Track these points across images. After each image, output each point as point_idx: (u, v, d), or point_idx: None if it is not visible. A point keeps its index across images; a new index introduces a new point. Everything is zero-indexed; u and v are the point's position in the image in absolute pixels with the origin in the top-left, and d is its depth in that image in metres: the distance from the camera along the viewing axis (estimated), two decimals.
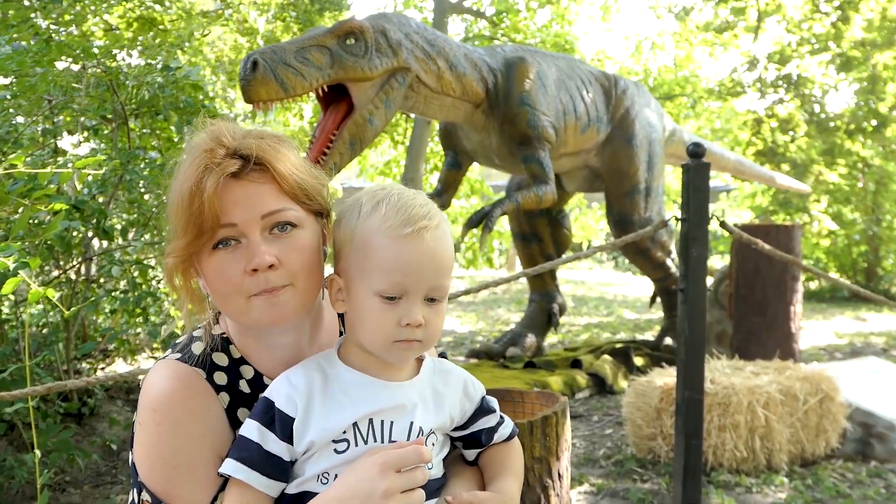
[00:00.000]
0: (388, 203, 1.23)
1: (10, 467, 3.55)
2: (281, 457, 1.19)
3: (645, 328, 9.55)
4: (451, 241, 1.26)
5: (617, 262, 20.54)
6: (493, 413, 1.39)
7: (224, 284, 1.24)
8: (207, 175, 1.21)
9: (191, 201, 1.20)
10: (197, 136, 1.28)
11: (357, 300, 1.23)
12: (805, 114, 13.58)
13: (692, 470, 3.22)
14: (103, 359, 5.45)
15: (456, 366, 1.39)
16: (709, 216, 3.29)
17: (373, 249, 1.21)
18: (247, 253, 1.23)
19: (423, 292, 1.21)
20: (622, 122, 5.93)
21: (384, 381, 1.25)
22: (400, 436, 1.22)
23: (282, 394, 1.22)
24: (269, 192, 1.25)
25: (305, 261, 1.26)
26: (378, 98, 4.16)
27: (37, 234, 3.43)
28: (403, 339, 1.20)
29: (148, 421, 1.23)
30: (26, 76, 4.21)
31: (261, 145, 1.26)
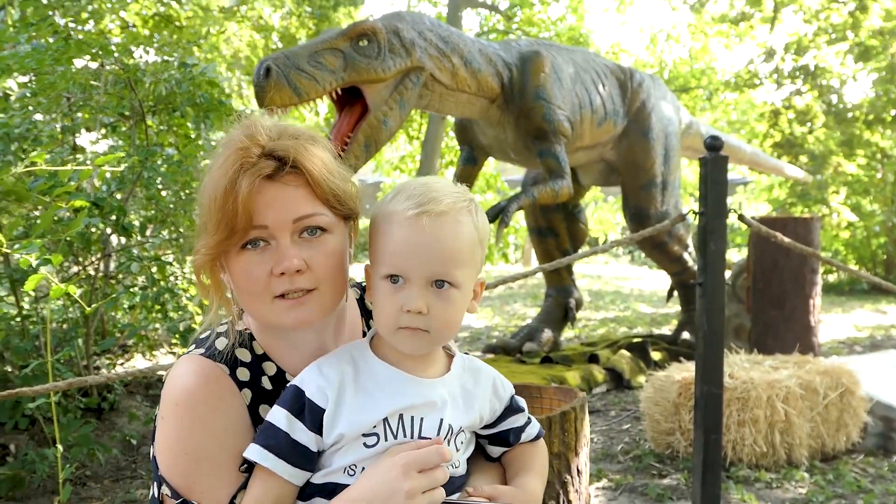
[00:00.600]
0: (404, 191, 1.24)
1: (32, 461, 3.58)
2: (308, 447, 1.19)
3: (662, 323, 9.52)
4: (463, 229, 1.22)
5: (633, 257, 20.47)
6: (522, 412, 1.39)
7: (250, 284, 1.25)
8: (242, 175, 1.21)
9: (224, 200, 1.21)
10: (232, 132, 1.28)
11: (371, 286, 1.25)
12: (823, 104, 13.47)
13: (711, 465, 3.21)
14: (122, 354, 5.49)
15: (485, 364, 1.38)
16: (727, 209, 3.27)
17: (380, 233, 1.23)
18: (275, 255, 1.23)
19: (425, 277, 1.19)
20: (638, 115, 5.90)
21: (416, 377, 1.24)
22: (429, 432, 1.22)
23: (313, 384, 1.22)
24: (302, 195, 1.25)
25: (332, 266, 1.27)
26: (392, 99, 4.16)
27: (58, 231, 3.46)
28: (405, 325, 1.20)
29: (170, 415, 1.24)
30: (45, 74, 4.24)
31: (297, 147, 1.25)
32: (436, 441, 1.21)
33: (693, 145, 6.92)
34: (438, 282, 1.20)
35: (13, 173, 3.20)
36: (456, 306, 1.23)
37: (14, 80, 4.68)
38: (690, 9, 15.40)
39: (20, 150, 4.03)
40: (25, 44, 4.34)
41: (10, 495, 3.58)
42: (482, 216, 1.27)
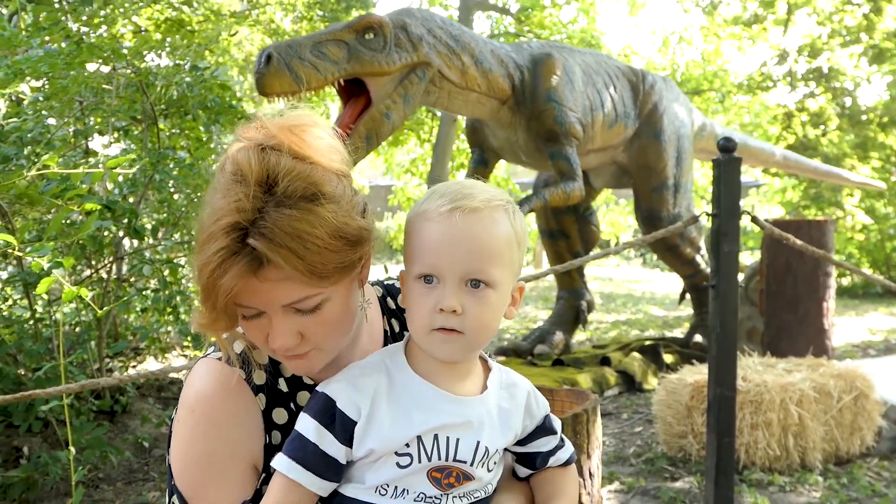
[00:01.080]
0: (438, 190, 1.20)
1: (45, 464, 3.59)
2: (338, 459, 1.16)
3: (674, 325, 9.48)
4: (497, 227, 1.16)
5: (645, 259, 20.40)
6: (554, 435, 1.32)
7: (251, 338, 1.21)
8: (230, 266, 1.08)
9: (212, 288, 1.09)
10: (236, 159, 1.12)
11: (405, 287, 1.22)
12: (837, 107, 13.39)
13: (724, 468, 3.18)
14: (134, 357, 5.52)
15: (522, 378, 1.32)
16: (740, 211, 3.24)
17: (413, 233, 1.19)
18: (269, 326, 1.16)
19: (459, 275, 1.14)
20: (650, 117, 5.88)
21: (452, 395, 1.19)
22: (465, 455, 1.17)
23: (345, 394, 1.17)
24: (291, 283, 1.11)
25: (331, 328, 1.19)
26: (396, 93, 4.15)
27: (70, 234, 3.47)
28: (440, 326, 1.14)
29: (185, 420, 1.23)
30: (58, 78, 4.26)
31: (284, 236, 1.07)
32: None
33: (707, 147, 6.89)
34: (474, 281, 1.14)
35: (26, 176, 3.22)
36: (492, 308, 1.17)
37: (27, 85, 4.71)
38: (703, 11, 15.35)
39: (33, 154, 4.05)
40: (38, 48, 4.36)
41: (23, 497, 3.59)
42: (520, 218, 1.22)
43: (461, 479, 1.17)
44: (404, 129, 12.55)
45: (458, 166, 12.34)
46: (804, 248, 3.67)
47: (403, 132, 12.60)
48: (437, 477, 1.16)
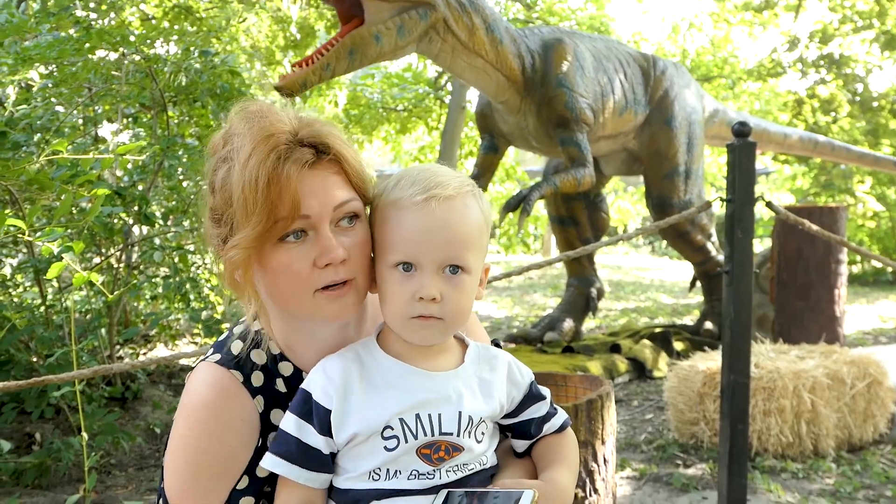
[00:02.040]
0: (407, 177, 1.21)
1: (58, 450, 3.60)
2: (320, 449, 1.17)
3: (683, 313, 9.45)
4: (471, 214, 1.20)
5: (653, 247, 20.35)
6: (543, 400, 1.33)
7: (291, 279, 1.20)
8: (285, 163, 1.16)
9: (268, 191, 1.14)
10: (245, 119, 1.22)
11: (379, 275, 1.21)
12: (848, 93, 13.28)
13: (738, 455, 3.17)
14: (145, 344, 5.52)
15: (503, 351, 1.33)
16: (755, 197, 3.21)
17: (388, 221, 1.20)
18: (317, 245, 1.18)
19: (438, 263, 1.16)
20: (661, 103, 5.84)
21: (426, 371, 1.21)
22: (450, 426, 1.18)
23: (318, 385, 1.19)
24: (339, 182, 1.22)
25: (366, 255, 1.23)
26: (392, 21, 4.08)
27: (79, 220, 3.47)
28: (419, 314, 1.16)
29: (181, 425, 1.23)
30: (67, 64, 4.25)
31: (328, 134, 1.22)
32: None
33: (720, 133, 6.85)
34: (452, 267, 1.17)
35: (36, 162, 3.21)
36: (468, 292, 1.20)
37: (36, 71, 4.70)
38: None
39: (42, 141, 4.04)
40: (47, 34, 4.35)
41: (36, 483, 3.61)
42: (486, 201, 1.25)
43: (451, 452, 1.18)
44: (412, 117, 12.52)
45: (466, 154, 12.32)
46: (819, 234, 3.64)
47: (412, 120, 12.57)
48: (426, 453, 1.17)
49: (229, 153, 1.20)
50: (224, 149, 1.22)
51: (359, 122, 12.58)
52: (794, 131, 8.33)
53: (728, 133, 6.75)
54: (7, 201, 3.86)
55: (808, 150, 8.33)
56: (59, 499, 3.42)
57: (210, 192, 1.24)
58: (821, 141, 8.36)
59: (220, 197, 1.21)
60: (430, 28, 4.28)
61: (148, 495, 3.51)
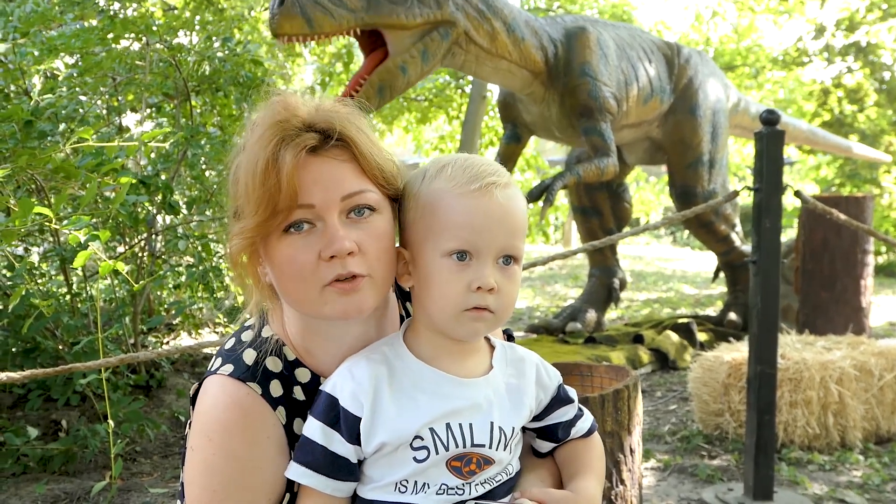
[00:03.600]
0: (453, 164, 1.16)
1: (84, 437, 3.64)
2: (348, 458, 1.12)
3: (706, 304, 9.38)
4: (523, 203, 1.17)
5: (675, 237, 20.23)
6: (571, 403, 1.29)
7: (296, 271, 1.13)
8: (284, 148, 1.10)
9: (265, 177, 1.09)
10: (266, 106, 1.16)
11: (425, 266, 1.14)
12: (875, 82, 13.09)
13: (764, 446, 3.14)
14: (168, 333, 5.56)
15: (529, 351, 1.29)
16: (783, 186, 3.17)
17: (440, 209, 1.13)
18: (323, 237, 1.12)
19: (495, 252, 1.12)
20: (685, 92, 5.78)
21: (457, 378, 1.16)
22: (482, 438, 1.13)
23: (346, 390, 1.13)
24: (349, 171, 1.14)
25: (383, 249, 1.16)
26: (415, 48, 4.08)
27: (105, 209, 3.49)
28: (474, 305, 1.11)
29: (202, 447, 1.14)
30: (92, 54, 4.26)
31: (340, 119, 1.15)
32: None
33: (742, 123, 6.77)
34: (506, 258, 1.13)
35: (62, 150, 3.23)
36: (518, 283, 1.16)
37: (61, 61, 4.73)
38: None
39: (67, 131, 4.07)
40: (72, 24, 4.37)
41: (63, 469, 3.64)
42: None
43: (482, 465, 1.13)
44: (433, 107, 12.49)
45: (486, 143, 12.27)
46: (847, 223, 3.60)
47: (432, 109, 12.53)
48: (456, 466, 1.12)
49: (245, 142, 1.16)
50: (242, 141, 1.18)
51: (379, 112, 12.56)
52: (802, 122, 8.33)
53: (750, 123, 6.72)
54: (33, 190, 3.88)
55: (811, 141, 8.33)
56: (86, 485, 3.45)
57: (232, 190, 1.19)
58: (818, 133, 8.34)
59: (234, 189, 1.17)
60: (452, 44, 4.27)
61: (173, 483, 3.53)
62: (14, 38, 4.10)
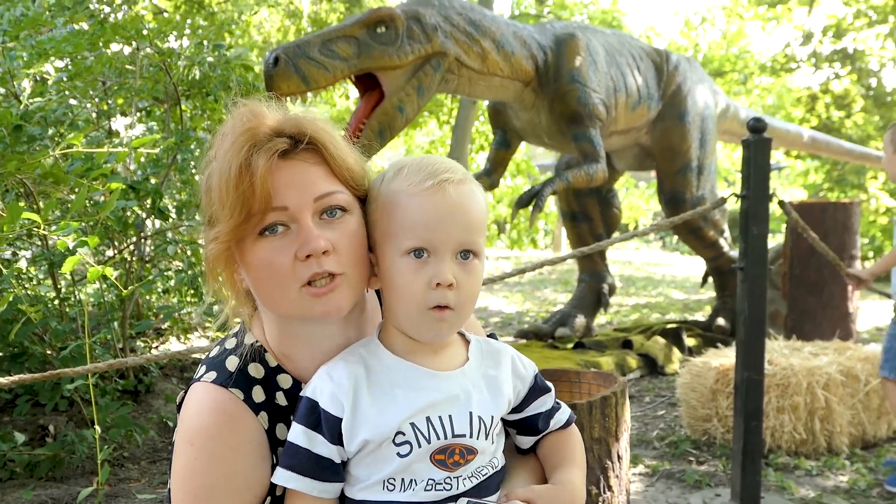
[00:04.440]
0: (409, 165, 1.19)
1: (72, 442, 3.62)
2: (332, 459, 1.13)
3: (695, 309, 9.42)
4: (480, 198, 1.19)
5: (664, 242, 20.30)
6: (549, 393, 1.30)
7: (272, 274, 1.15)
8: (256, 153, 1.13)
9: (239, 181, 1.11)
10: (234, 116, 1.19)
11: (387, 268, 1.17)
12: (862, 88, 13.20)
13: (751, 452, 3.16)
14: (157, 337, 5.55)
15: (504, 344, 1.30)
16: (769, 193, 3.20)
17: (397, 209, 1.16)
18: (297, 239, 1.14)
19: (452, 247, 1.13)
20: (674, 98, 5.81)
21: (433, 371, 1.17)
22: (462, 428, 1.14)
23: (325, 392, 1.14)
24: (320, 173, 1.17)
25: (356, 248, 1.18)
26: (410, 85, 4.12)
27: (94, 214, 3.49)
28: (435, 303, 1.12)
29: (184, 452, 1.16)
30: (82, 58, 4.26)
31: (309, 123, 1.19)
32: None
33: (731, 129, 6.81)
34: (464, 252, 1.14)
35: (51, 155, 3.22)
36: (479, 278, 1.17)
37: (51, 65, 4.72)
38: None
39: (57, 134, 4.06)
40: (62, 28, 4.36)
41: (50, 475, 3.63)
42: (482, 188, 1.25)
43: (465, 455, 1.14)
44: (424, 112, 12.51)
45: (477, 148, 12.31)
46: (817, 245, 3.65)
47: (423, 115, 12.56)
48: (440, 459, 1.13)
49: (216, 151, 1.18)
50: (212, 150, 1.20)
51: None
52: (794, 126, 8.37)
53: (739, 129, 6.76)
54: (22, 194, 3.87)
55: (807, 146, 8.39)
56: (73, 491, 3.43)
57: (204, 198, 1.21)
58: (818, 138, 8.38)
59: (206, 198, 1.19)
60: (445, 73, 4.29)
61: (160, 488, 3.53)
62: (4, 41, 4.10)
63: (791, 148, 9.69)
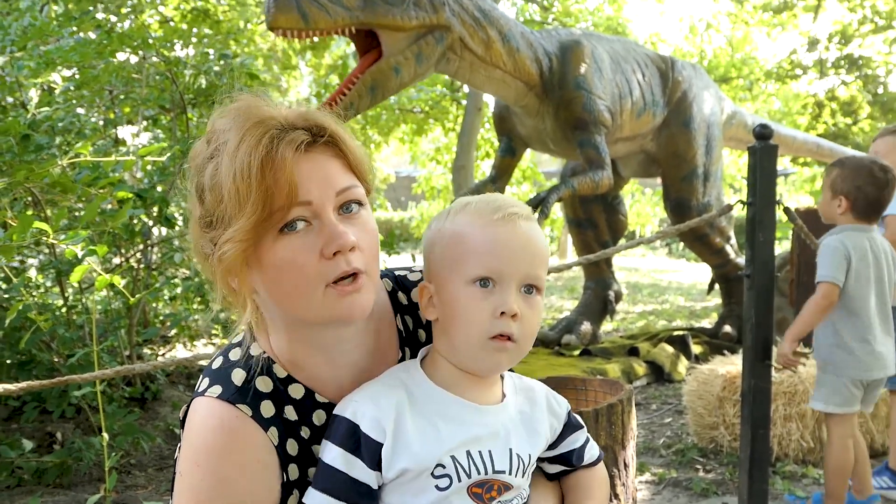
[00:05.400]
0: (477, 200, 1.19)
1: (79, 449, 3.63)
2: (369, 485, 1.11)
3: (701, 316, 9.40)
4: (544, 237, 1.20)
5: (671, 249, 20.26)
6: (581, 429, 1.32)
7: (297, 274, 1.09)
8: (279, 145, 1.07)
9: (262, 175, 1.05)
10: (229, 113, 1.13)
11: (449, 295, 1.15)
12: (868, 94, 13.18)
13: (759, 460, 3.15)
14: (164, 345, 5.56)
15: (535, 381, 1.31)
16: (776, 199, 3.19)
17: (464, 239, 1.15)
18: (321, 235, 1.09)
19: (519, 279, 1.14)
20: (679, 105, 5.81)
21: (476, 405, 1.17)
22: (502, 465, 1.15)
23: (367, 416, 1.12)
24: (339, 167, 1.14)
25: (373, 244, 1.16)
26: (410, 50, 4.10)
27: (102, 223, 3.50)
28: (498, 332, 1.12)
29: (190, 472, 1.11)
30: (89, 67, 4.28)
31: (324, 117, 1.15)
32: None
33: (737, 136, 6.80)
34: (528, 287, 1.15)
35: (59, 165, 3.24)
36: (540, 314, 1.18)
37: (58, 74, 4.74)
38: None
39: (64, 143, 4.08)
40: (69, 37, 4.39)
41: (57, 482, 3.63)
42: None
43: (502, 490, 1.15)
44: (429, 119, 12.53)
45: (482, 155, 12.31)
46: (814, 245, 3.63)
47: (428, 121, 12.57)
48: (477, 493, 1.13)
49: (215, 150, 1.12)
50: (208, 149, 1.13)
51: (376, 123, 12.61)
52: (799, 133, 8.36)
53: (745, 135, 6.75)
54: (30, 203, 3.89)
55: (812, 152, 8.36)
56: (80, 498, 3.44)
57: (198, 200, 1.14)
58: (823, 144, 8.37)
59: (210, 196, 1.11)
60: (447, 49, 4.29)
61: (167, 496, 3.51)
62: (11, 51, 4.12)
63: (795, 155, 9.66)
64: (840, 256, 3.17)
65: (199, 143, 1.17)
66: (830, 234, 3.28)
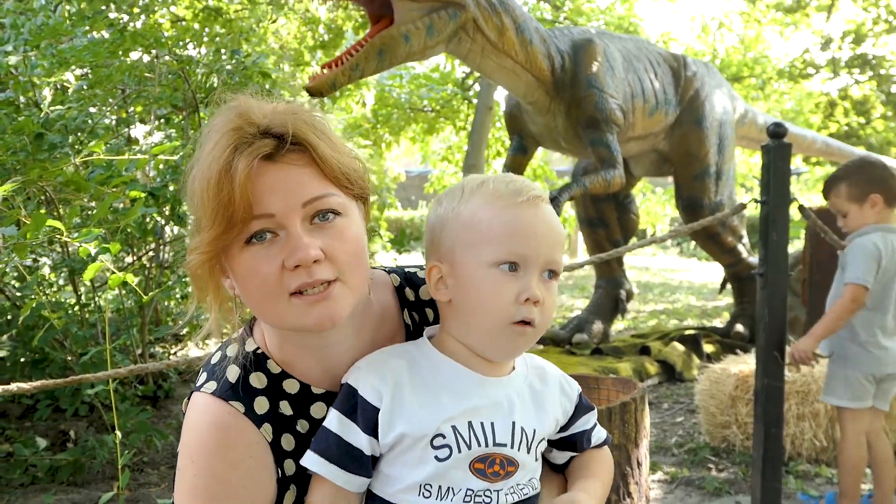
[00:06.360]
0: (493, 180, 1.16)
1: (92, 447, 3.66)
2: (361, 450, 1.11)
3: (713, 315, 9.36)
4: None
5: (682, 248, 20.20)
6: (592, 411, 1.30)
7: (260, 284, 1.08)
8: (237, 156, 1.05)
9: (218, 188, 1.04)
10: (220, 114, 1.12)
11: (467, 277, 1.12)
12: (881, 94, 13.09)
13: (772, 459, 3.13)
14: (175, 343, 5.58)
15: (546, 361, 1.29)
16: (790, 198, 3.17)
17: (485, 221, 1.12)
18: (286, 246, 1.08)
19: (542, 264, 1.12)
20: (691, 103, 5.79)
21: (480, 375, 1.15)
22: (503, 437, 1.12)
23: (366, 381, 1.12)
24: (309, 175, 1.10)
25: (352, 252, 1.12)
26: (422, 21, 4.08)
27: (115, 221, 3.51)
28: (521, 318, 1.10)
29: (186, 468, 1.13)
30: (102, 66, 4.30)
31: (296, 122, 1.10)
32: None
33: (749, 135, 6.77)
34: (549, 272, 1.13)
35: (72, 163, 3.25)
36: (556, 299, 1.16)
37: (71, 73, 4.76)
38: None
39: (77, 142, 4.09)
40: (83, 36, 4.41)
41: (71, 480, 3.65)
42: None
43: (505, 466, 1.12)
44: (440, 118, 12.52)
45: (494, 154, 12.29)
46: (836, 244, 3.59)
47: (439, 120, 12.57)
48: (480, 468, 1.10)
49: (197, 156, 1.11)
50: (195, 153, 1.13)
51: (386, 122, 12.60)
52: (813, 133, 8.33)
53: (757, 134, 6.72)
54: (43, 201, 3.91)
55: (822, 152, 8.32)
56: (94, 496, 3.46)
57: (189, 200, 1.14)
58: (832, 144, 8.33)
59: (190, 200, 1.12)
60: (459, 28, 4.27)
61: None
62: (25, 50, 4.14)
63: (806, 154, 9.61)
64: (872, 259, 3.16)
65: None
66: (861, 235, 3.25)
